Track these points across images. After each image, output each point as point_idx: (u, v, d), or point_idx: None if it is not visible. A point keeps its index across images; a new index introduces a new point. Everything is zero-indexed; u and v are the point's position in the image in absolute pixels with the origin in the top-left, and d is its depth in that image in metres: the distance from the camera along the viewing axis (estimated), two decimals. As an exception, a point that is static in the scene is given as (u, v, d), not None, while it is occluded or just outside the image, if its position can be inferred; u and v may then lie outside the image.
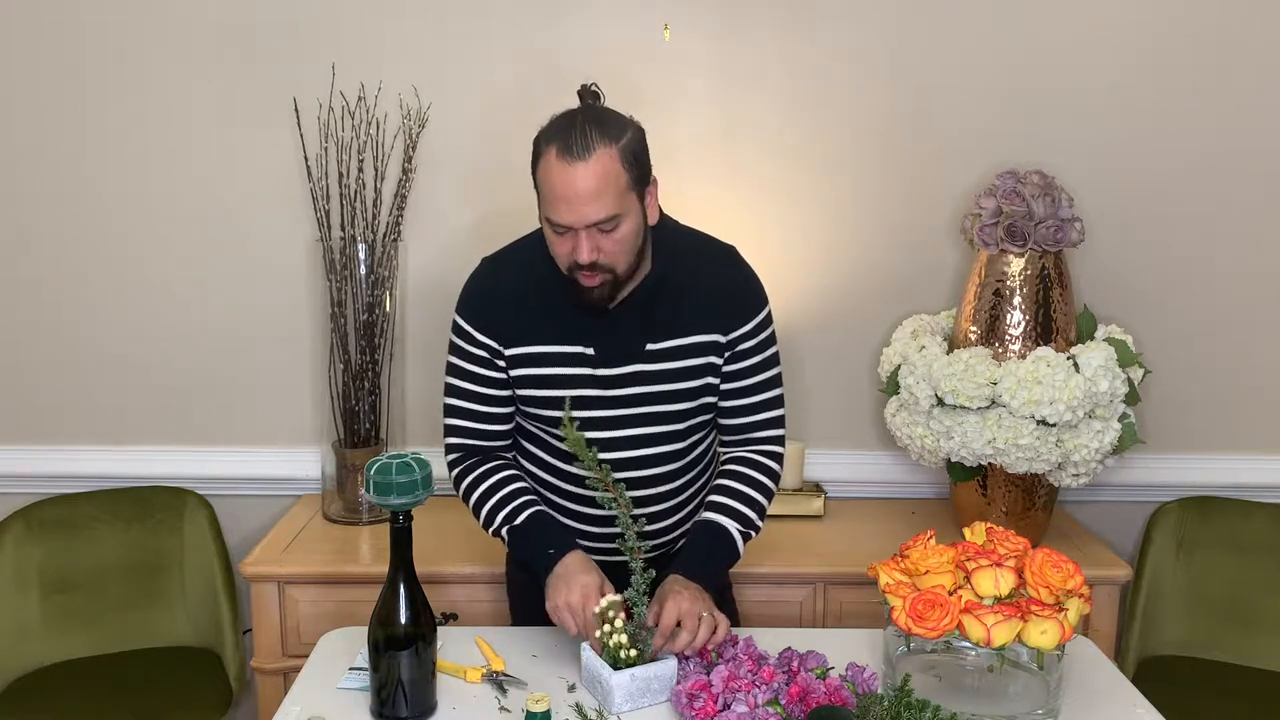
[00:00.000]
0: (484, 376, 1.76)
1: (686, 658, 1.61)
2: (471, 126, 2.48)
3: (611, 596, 1.61)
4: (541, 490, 1.85)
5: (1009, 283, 2.25)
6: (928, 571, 1.57)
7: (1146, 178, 2.50)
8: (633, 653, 1.58)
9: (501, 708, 1.59)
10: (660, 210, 1.73)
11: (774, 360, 1.79)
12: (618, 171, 1.57)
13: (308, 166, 2.41)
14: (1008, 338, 2.24)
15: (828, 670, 1.60)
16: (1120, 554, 2.47)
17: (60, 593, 2.46)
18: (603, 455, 1.67)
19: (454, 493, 2.49)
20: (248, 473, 2.59)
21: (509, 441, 1.85)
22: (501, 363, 1.75)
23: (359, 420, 2.43)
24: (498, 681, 1.64)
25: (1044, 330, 2.23)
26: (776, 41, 2.45)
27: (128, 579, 2.50)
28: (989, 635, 1.46)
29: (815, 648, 1.66)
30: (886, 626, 1.60)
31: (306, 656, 1.75)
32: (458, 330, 1.77)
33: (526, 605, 1.86)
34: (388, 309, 2.42)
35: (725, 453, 1.85)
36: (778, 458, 1.81)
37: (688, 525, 1.86)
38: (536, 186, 1.63)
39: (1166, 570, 2.52)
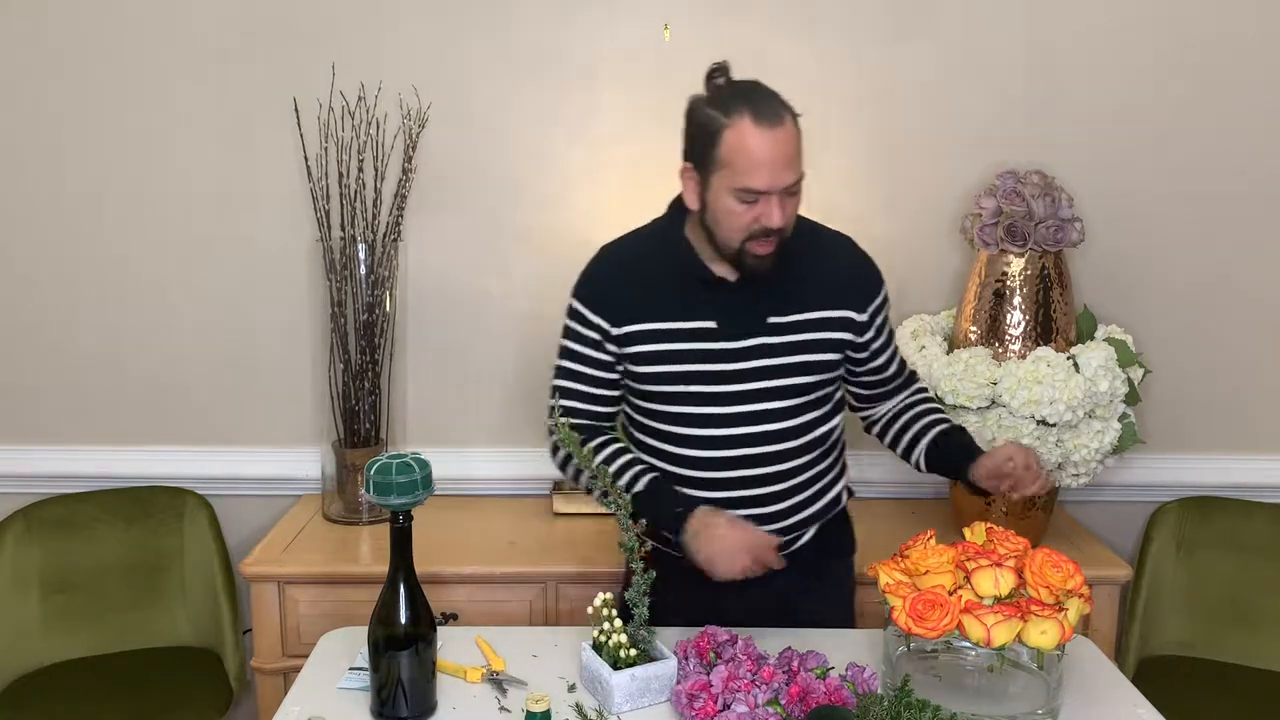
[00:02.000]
0: (591, 358, 1.80)
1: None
2: (471, 126, 2.48)
3: (605, 595, 1.62)
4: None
5: (1009, 283, 2.25)
6: (928, 571, 1.57)
7: (1146, 178, 2.50)
8: (633, 652, 1.58)
9: (501, 708, 1.59)
10: None
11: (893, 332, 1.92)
12: (799, 136, 1.64)
13: (308, 166, 2.41)
14: (1008, 338, 2.24)
15: (828, 670, 1.59)
16: (1120, 554, 2.47)
17: (60, 593, 2.46)
18: (720, 430, 1.75)
19: (454, 492, 2.53)
20: (248, 473, 2.59)
21: (611, 424, 1.89)
22: (611, 346, 1.77)
23: (359, 420, 2.43)
24: (498, 681, 1.64)
25: (1044, 330, 2.23)
26: (776, 41, 2.44)
27: (128, 579, 2.50)
28: (989, 635, 1.46)
29: (815, 648, 1.66)
30: (886, 626, 1.60)
31: (306, 656, 1.75)
32: (572, 313, 1.81)
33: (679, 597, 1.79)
34: (388, 309, 2.42)
35: (894, 408, 1.95)
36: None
37: (805, 509, 1.84)
38: (716, 158, 1.64)
39: (1166, 570, 2.52)
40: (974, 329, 2.28)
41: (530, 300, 2.53)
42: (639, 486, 1.74)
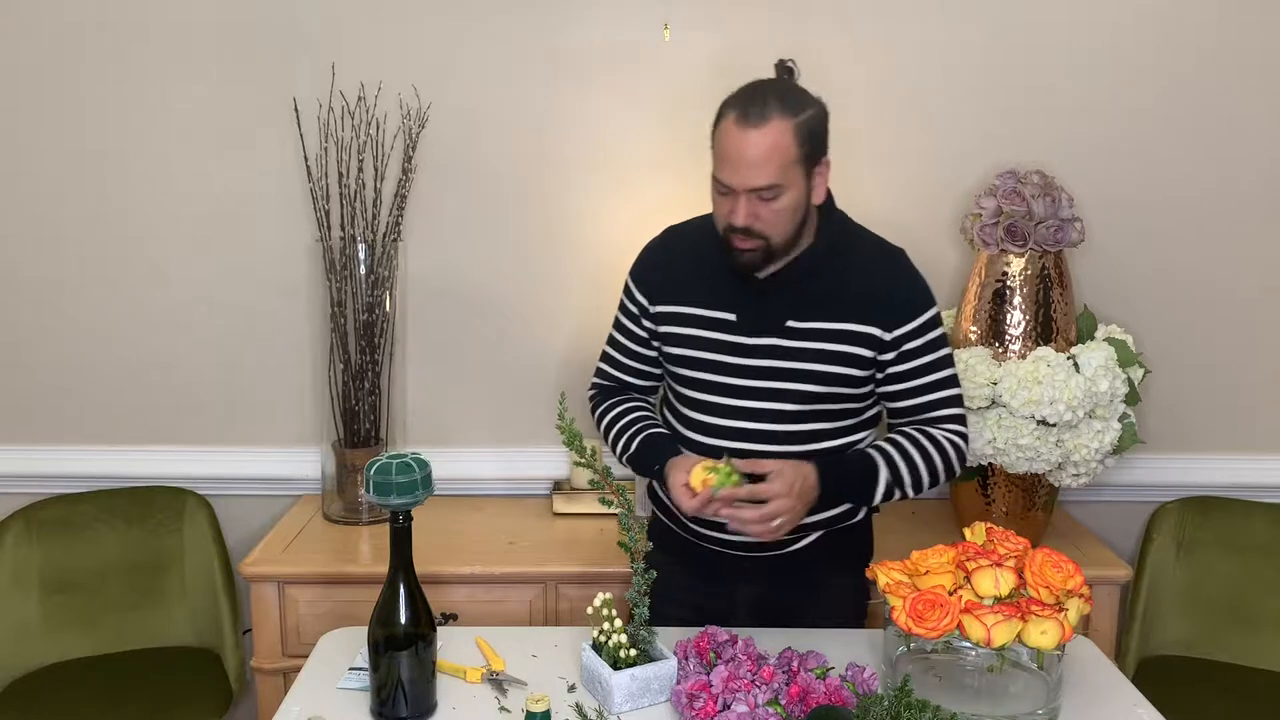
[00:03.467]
0: (630, 330, 1.90)
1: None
2: (471, 126, 2.48)
3: (605, 595, 1.61)
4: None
5: (1009, 283, 2.25)
6: (928, 571, 1.57)
7: (1146, 178, 2.50)
8: (633, 652, 1.58)
9: (501, 708, 1.59)
10: (832, 199, 1.78)
11: (947, 362, 1.80)
12: (789, 144, 1.63)
13: (308, 166, 2.41)
14: (1008, 338, 2.24)
15: (828, 670, 1.60)
16: (1120, 554, 2.47)
17: (60, 593, 2.46)
18: (727, 421, 1.77)
19: (454, 492, 2.53)
20: (248, 473, 2.59)
21: (645, 395, 1.96)
22: (647, 322, 1.87)
23: (359, 420, 2.43)
24: (498, 681, 1.64)
25: (1044, 330, 2.23)
26: (776, 41, 2.43)
27: (128, 579, 2.50)
28: (989, 635, 1.46)
29: (815, 648, 1.66)
30: (886, 626, 1.60)
31: (306, 656, 1.75)
32: (625, 285, 1.91)
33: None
34: (388, 309, 2.42)
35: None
36: (959, 450, 1.79)
37: (806, 515, 1.82)
38: (712, 146, 1.69)
39: (1166, 570, 2.52)
40: (974, 329, 2.28)
41: (530, 300, 2.53)
42: (634, 446, 1.83)
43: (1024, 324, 2.23)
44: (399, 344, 2.49)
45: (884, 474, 1.75)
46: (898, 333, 1.74)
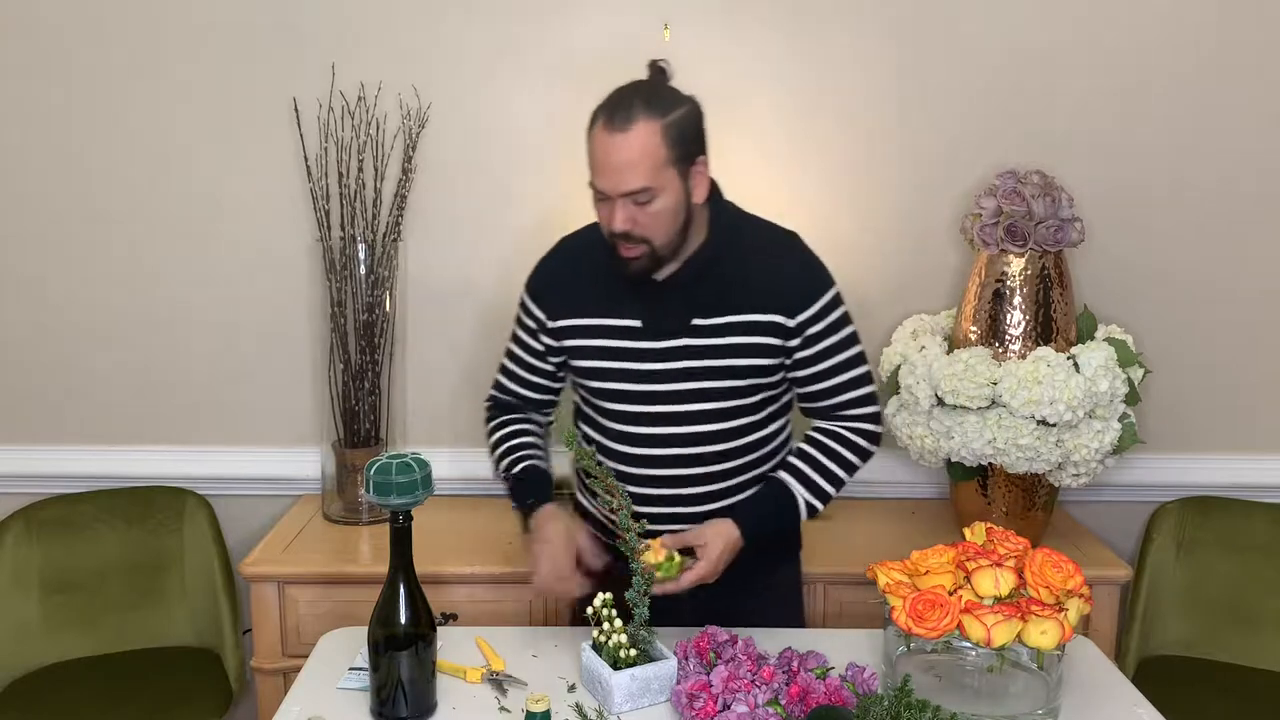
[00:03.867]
0: (527, 344, 1.88)
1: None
2: (471, 126, 2.48)
3: (605, 595, 1.62)
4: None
5: (1009, 283, 2.25)
6: (928, 571, 1.57)
7: (1146, 178, 2.50)
8: (633, 652, 1.58)
9: (501, 708, 1.59)
10: (719, 193, 1.77)
11: (852, 340, 1.80)
12: (656, 145, 1.61)
13: (308, 166, 2.41)
14: (1008, 338, 2.24)
15: (828, 670, 1.60)
16: (1120, 554, 2.47)
17: (60, 593, 2.46)
18: (649, 429, 1.76)
19: (455, 492, 2.52)
20: (248, 473, 2.59)
21: (543, 411, 1.95)
22: (545, 337, 1.84)
23: (359, 420, 2.43)
24: (498, 681, 1.64)
25: (1044, 330, 2.23)
26: (776, 42, 2.45)
27: (128, 579, 2.50)
28: (989, 635, 1.46)
29: (815, 648, 1.66)
30: (886, 626, 1.60)
31: (306, 656, 1.75)
32: (520, 300, 1.89)
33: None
34: (388, 309, 2.42)
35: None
36: (868, 435, 1.82)
37: None
38: (588, 154, 1.68)
39: (1166, 570, 2.52)
40: (974, 329, 2.28)
41: (530, 300, 2.53)
42: (515, 470, 1.82)
43: (1024, 324, 2.23)
44: (399, 344, 2.49)
45: (802, 497, 1.76)
46: (801, 318, 1.74)
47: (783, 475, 1.78)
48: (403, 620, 1.53)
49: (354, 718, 1.56)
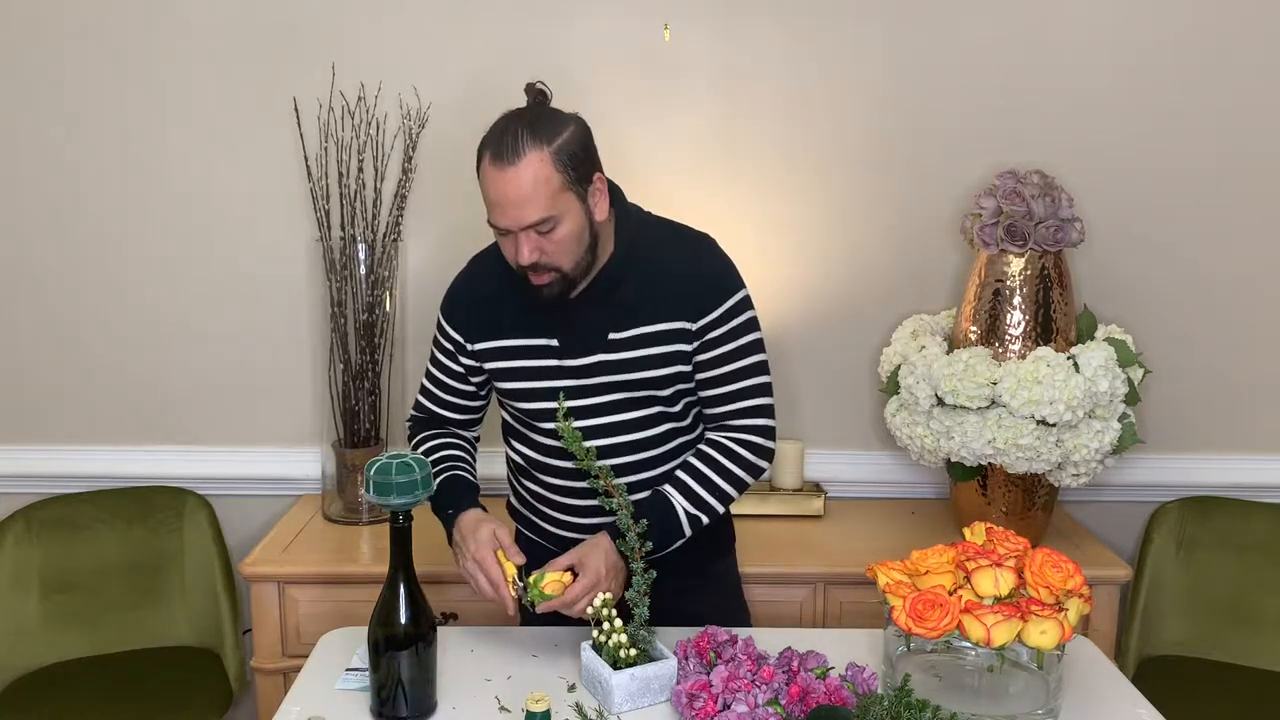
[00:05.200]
0: (446, 366, 1.86)
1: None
2: (471, 126, 2.46)
3: (605, 594, 1.62)
4: (524, 480, 1.88)
5: (1009, 283, 2.25)
6: (928, 571, 1.57)
7: (1146, 177, 2.50)
8: (633, 652, 1.58)
9: (501, 707, 1.59)
10: (623, 201, 1.75)
11: (752, 349, 1.75)
12: (549, 174, 1.58)
13: (308, 166, 2.41)
14: (1008, 338, 2.24)
15: (828, 670, 1.59)
16: (1120, 554, 2.47)
17: (60, 593, 2.46)
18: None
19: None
20: (248, 473, 2.59)
21: (463, 426, 1.92)
22: (464, 358, 1.82)
23: (359, 420, 2.43)
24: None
25: (1044, 330, 2.23)
26: (776, 41, 2.45)
27: (128, 579, 2.50)
28: (989, 635, 1.46)
29: (815, 648, 1.66)
30: (886, 626, 1.60)
31: (306, 656, 1.75)
32: (438, 320, 1.86)
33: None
34: (388, 309, 2.42)
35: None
36: (754, 448, 1.76)
37: None
38: (481, 191, 1.64)
39: (1166, 570, 2.52)
40: (974, 329, 2.28)
41: (530, 300, 2.53)
42: (439, 480, 1.77)
43: (1024, 324, 2.23)
44: (399, 344, 2.49)
45: (681, 507, 1.72)
46: (702, 322, 1.71)
47: (665, 487, 1.74)
48: (403, 620, 1.53)
49: (354, 718, 1.56)
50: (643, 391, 1.74)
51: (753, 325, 1.76)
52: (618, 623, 1.59)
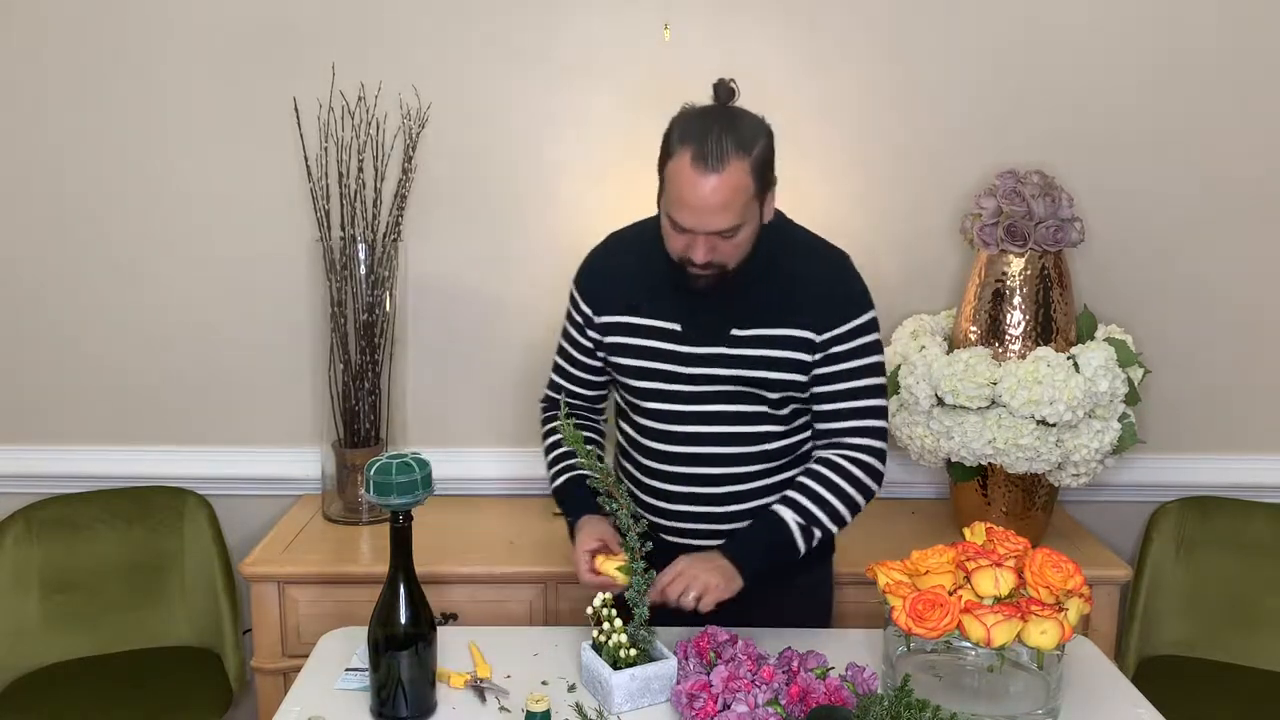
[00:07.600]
0: (576, 340, 1.88)
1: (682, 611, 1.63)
2: (471, 126, 2.48)
3: (605, 594, 1.62)
4: (624, 461, 1.90)
5: (1009, 283, 2.25)
6: (928, 571, 1.57)
7: (1147, 177, 2.50)
8: (633, 652, 1.58)
9: (501, 708, 1.59)
10: (772, 204, 1.75)
11: (873, 370, 1.76)
12: (746, 184, 1.59)
13: (308, 166, 2.41)
14: (1008, 338, 2.24)
15: (828, 670, 1.60)
16: (1120, 554, 2.47)
17: (60, 593, 2.46)
18: (678, 427, 1.77)
19: (454, 492, 2.53)
20: (248, 473, 2.59)
21: (593, 405, 1.95)
22: (592, 332, 1.84)
23: (359, 420, 2.43)
24: (479, 689, 1.63)
25: (1044, 330, 2.23)
26: (776, 42, 2.45)
27: (128, 579, 2.50)
28: (989, 635, 1.46)
29: (815, 648, 1.66)
30: (886, 626, 1.60)
31: (306, 656, 1.75)
32: (570, 294, 1.88)
33: None
34: (388, 309, 2.42)
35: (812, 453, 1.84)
36: (866, 467, 1.75)
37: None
38: (662, 178, 1.65)
39: (1166, 570, 2.52)
40: (974, 329, 2.28)
41: (530, 300, 2.53)
42: (559, 481, 1.84)
43: (1024, 324, 2.23)
44: (399, 344, 2.49)
45: (795, 522, 1.71)
46: (826, 335, 1.73)
47: (775, 506, 1.74)
48: (403, 620, 1.53)
49: (354, 718, 1.56)
50: (751, 389, 1.75)
51: (876, 348, 1.77)
52: (618, 623, 1.59)
